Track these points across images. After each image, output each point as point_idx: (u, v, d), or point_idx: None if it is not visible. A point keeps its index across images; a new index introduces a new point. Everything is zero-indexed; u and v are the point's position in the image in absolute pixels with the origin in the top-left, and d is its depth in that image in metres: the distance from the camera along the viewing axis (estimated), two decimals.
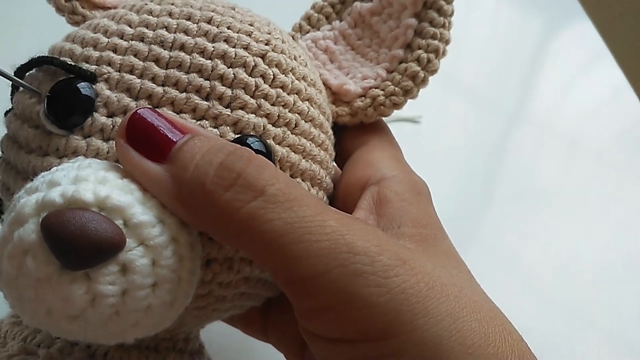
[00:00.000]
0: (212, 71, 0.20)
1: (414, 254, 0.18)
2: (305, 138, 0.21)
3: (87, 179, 0.16)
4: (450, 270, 0.19)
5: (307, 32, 0.27)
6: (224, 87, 0.20)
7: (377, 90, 0.24)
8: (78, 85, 0.19)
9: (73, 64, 0.20)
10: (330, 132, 0.23)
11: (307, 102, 0.22)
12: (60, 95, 0.19)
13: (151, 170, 0.17)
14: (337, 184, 0.24)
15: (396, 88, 0.23)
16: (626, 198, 0.46)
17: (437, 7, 0.23)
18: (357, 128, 0.24)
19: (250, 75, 0.20)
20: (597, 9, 0.62)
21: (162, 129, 0.17)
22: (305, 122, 0.21)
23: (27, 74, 0.21)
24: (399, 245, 0.18)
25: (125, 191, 0.17)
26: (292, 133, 0.21)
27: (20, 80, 0.20)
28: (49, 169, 0.18)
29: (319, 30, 0.26)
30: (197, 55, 0.20)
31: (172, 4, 0.21)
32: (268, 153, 0.20)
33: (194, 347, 0.23)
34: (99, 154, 0.19)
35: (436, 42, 0.23)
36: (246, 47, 0.20)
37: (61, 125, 0.19)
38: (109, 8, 0.23)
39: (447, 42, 0.23)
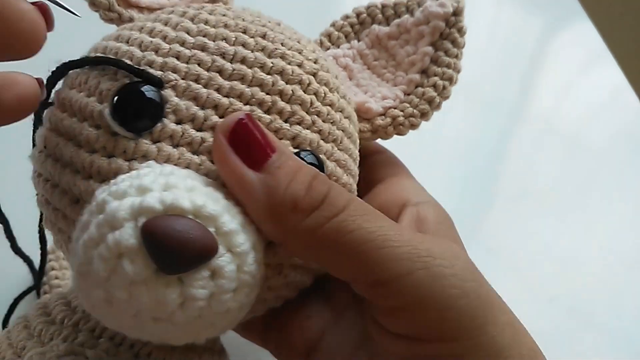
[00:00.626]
0: (272, 86, 0.20)
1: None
2: (346, 153, 0.23)
3: (177, 187, 0.17)
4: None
5: (328, 49, 0.28)
6: (283, 103, 0.20)
7: (396, 110, 0.25)
8: (145, 89, 0.19)
9: (142, 67, 0.20)
10: (358, 146, 0.25)
11: (347, 120, 0.23)
12: (128, 98, 0.19)
13: (248, 176, 0.18)
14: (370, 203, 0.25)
15: (414, 110, 0.25)
16: (626, 198, 0.46)
17: (452, 39, 0.26)
18: (386, 162, 0.27)
19: (305, 92, 0.21)
20: (597, 9, 0.62)
21: (261, 140, 0.18)
22: (347, 138, 0.23)
23: (72, 71, 0.21)
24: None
25: (214, 199, 0.17)
26: (338, 149, 0.22)
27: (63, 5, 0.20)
28: (118, 172, 0.18)
29: (338, 47, 0.28)
30: (258, 70, 0.20)
31: (225, 16, 0.21)
32: (320, 167, 0.21)
33: (220, 345, 0.24)
34: (169, 160, 0.19)
35: (450, 71, 0.26)
36: (300, 65, 0.21)
37: (129, 128, 0.19)
38: (143, 8, 0.23)
39: (459, 71, 0.26)
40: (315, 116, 0.21)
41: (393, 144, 0.28)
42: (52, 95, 0.21)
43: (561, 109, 0.54)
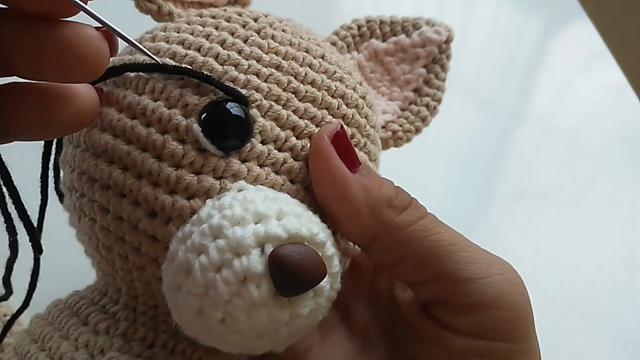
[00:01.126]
0: (337, 109, 0.21)
1: None
2: (378, 170, 0.25)
3: (290, 214, 0.18)
4: None
5: None
6: (346, 126, 0.22)
7: (395, 125, 0.27)
8: (232, 107, 0.19)
9: (232, 86, 0.20)
10: None
11: (379, 139, 0.25)
12: (220, 116, 0.19)
13: (348, 174, 0.20)
14: None
15: (411, 126, 0.28)
16: (626, 198, 0.46)
17: (441, 64, 0.28)
18: None
19: (360, 115, 0.22)
20: (597, 9, 0.62)
21: (353, 148, 0.21)
22: (379, 156, 0.25)
23: (140, 73, 0.20)
24: None
25: (318, 225, 0.19)
26: (377, 167, 0.24)
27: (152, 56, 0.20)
28: (210, 190, 0.19)
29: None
30: (325, 93, 0.21)
31: (285, 32, 0.22)
32: None
33: None
34: (257, 180, 0.20)
35: (440, 93, 0.28)
36: (354, 89, 0.22)
37: (220, 146, 0.19)
38: (177, 2, 0.23)
39: (444, 92, 0.29)
40: (366, 138, 0.23)
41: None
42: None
43: (561, 109, 0.54)
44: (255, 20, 0.22)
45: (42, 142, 0.22)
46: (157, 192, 0.19)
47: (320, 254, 0.18)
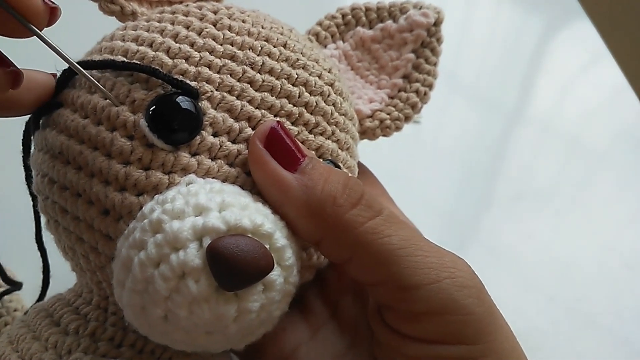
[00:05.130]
0: (298, 98, 0.21)
1: None
2: (355, 160, 0.24)
3: (233, 205, 0.17)
4: None
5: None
6: (308, 114, 0.21)
7: (383, 114, 0.27)
8: (179, 100, 0.19)
9: (180, 78, 0.19)
10: None
11: (354, 126, 0.24)
12: (167, 110, 0.19)
13: (286, 177, 0.19)
14: None
15: (399, 114, 0.27)
16: (626, 198, 0.46)
17: (431, 48, 0.27)
18: (362, 181, 0.28)
19: (326, 103, 0.22)
20: (597, 9, 0.62)
21: (292, 145, 0.19)
22: (355, 145, 0.24)
23: (93, 71, 0.20)
24: None
25: (265, 215, 0.18)
26: (350, 156, 0.23)
27: (103, 89, 0.19)
28: (158, 185, 0.18)
29: (325, 47, 0.28)
30: (285, 81, 0.20)
31: (245, 22, 0.21)
32: None
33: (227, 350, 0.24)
34: (208, 173, 0.19)
35: (430, 78, 0.27)
36: (320, 76, 0.22)
37: (168, 140, 0.19)
38: (143, 0, 0.23)
39: (436, 78, 0.27)
40: (334, 126, 0.22)
41: (393, 144, 0.28)
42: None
43: (561, 109, 0.54)
44: (215, 13, 0.21)
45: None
46: (107, 190, 0.19)
47: (268, 246, 0.17)
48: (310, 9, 0.28)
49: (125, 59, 0.20)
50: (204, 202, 0.17)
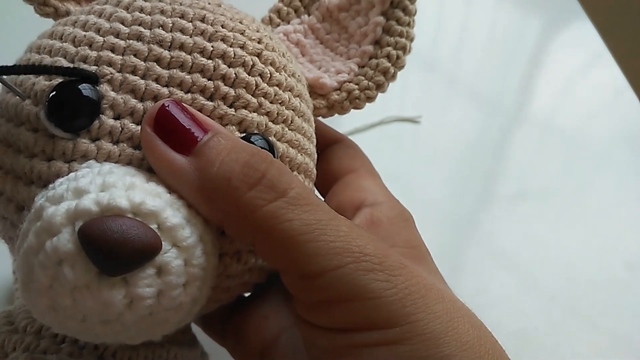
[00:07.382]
0: (214, 71, 0.20)
1: (411, 263, 0.19)
2: (299, 133, 0.22)
3: (115, 185, 0.17)
4: (440, 284, 0.21)
5: (278, 25, 0.27)
6: (227, 87, 0.20)
7: (351, 84, 0.25)
8: (81, 86, 0.19)
9: (73, 65, 0.19)
10: (314, 124, 0.24)
11: (297, 98, 0.22)
12: (63, 98, 0.18)
13: (176, 160, 0.18)
14: (328, 202, 0.25)
15: (369, 83, 0.25)
16: (626, 198, 0.46)
17: (402, 7, 0.25)
18: (343, 155, 0.27)
19: (249, 74, 0.20)
20: (597, 9, 0.62)
21: (188, 123, 0.18)
22: (298, 117, 0.22)
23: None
24: (400, 254, 0.20)
25: (155, 195, 0.17)
26: (289, 129, 0.22)
27: (11, 85, 0.19)
28: (59, 175, 0.18)
29: (289, 23, 0.27)
30: (198, 55, 0.20)
31: (161, 1, 0.21)
32: (271, 150, 0.20)
33: (191, 336, 0.24)
34: (110, 157, 0.18)
35: (403, 39, 0.25)
36: (242, 46, 0.20)
37: (66, 128, 0.18)
38: (81, 0, 0.23)
39: (412, 39, 0.25)
40: (262, 98, 0.21)
41: (392, 144, 0.28)
42: None
43: (561, 109, 0.54)
44: None
45: None
46: (18, 186, 0.19)
47: (155, 226, 0.16)
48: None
49: (48, 56, 0.20)
50: (84, 185, 0.16)
